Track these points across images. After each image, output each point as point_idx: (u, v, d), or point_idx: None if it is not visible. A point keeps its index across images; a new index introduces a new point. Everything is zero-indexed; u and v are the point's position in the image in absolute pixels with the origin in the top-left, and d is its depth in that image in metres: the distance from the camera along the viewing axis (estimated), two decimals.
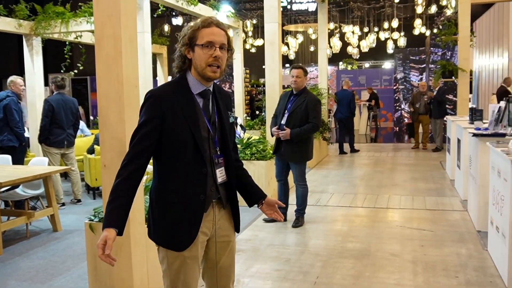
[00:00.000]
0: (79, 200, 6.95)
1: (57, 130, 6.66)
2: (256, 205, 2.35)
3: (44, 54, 8.81)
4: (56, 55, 9.53)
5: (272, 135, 5.37)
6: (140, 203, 3.30)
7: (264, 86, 20.90)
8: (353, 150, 11.75)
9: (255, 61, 19.84)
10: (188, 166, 2.06)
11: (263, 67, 7.46)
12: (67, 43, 9.20)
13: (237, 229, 2.29)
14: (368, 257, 4.41)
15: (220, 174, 2.15)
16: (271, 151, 6.54)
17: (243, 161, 2.55)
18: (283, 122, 5.21)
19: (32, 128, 8.09)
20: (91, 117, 15.86)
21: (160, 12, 8.68)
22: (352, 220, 5.73)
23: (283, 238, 5.06)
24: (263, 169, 6.31)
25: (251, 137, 6.86)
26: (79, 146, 8.45)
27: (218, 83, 2.24)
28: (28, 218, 5.15)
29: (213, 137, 2.13)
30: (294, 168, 5.41)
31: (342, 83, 12.09)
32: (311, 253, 4.59)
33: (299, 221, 5.48)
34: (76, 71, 9.33)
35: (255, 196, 2.34)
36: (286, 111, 5.23)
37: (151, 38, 12.10)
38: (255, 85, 21.81)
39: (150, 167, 3.85)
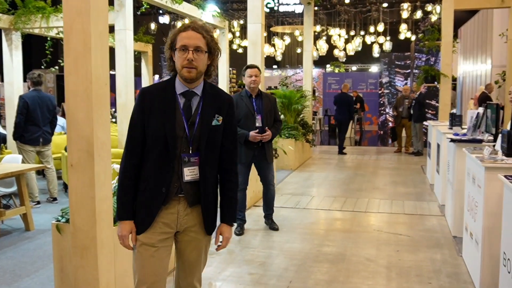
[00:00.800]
0: (55, 199, 6.82)
1: (32, 128, 6.48)
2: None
3: (29, 49, 8.68)
4: (40, 51, 9.37)
5: (248, 140, 4.92)
6: (108, 204, 3.22)
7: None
8: (341, 152, 11.81)
9: (243, 62, 19.83)
10: (158, 159, 2.22)
11: None
12: (48, 38, 9.07)
13: (207, 231, 2.34)
14: (343, 262, 4.37)
15: (189, 173, 2.23)
16: None
17: None
18: (258, 124, 4.99)
19: (9, 125, 7.94)
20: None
21: (144, 10, 8.59)
22: (330, 223, 5.70)
23: (259, 241, 5.01)
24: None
25: None
26: (58, 143, 8.32)
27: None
28: None
29: (188, 136, 2.23)
30: (269, 169, 5.26)
31: (341, 86, 12.28)
32: (286, 256, 4.54)
33: (275, 223, 5.43)
34: (57, 67, 9.19)
35: (220, 217, 2.40)
36: (256, 113, 5.01)
37: (136, 36, 12.02)
38: (242, 86, 21.78)
39: (116, 166, 3.77)
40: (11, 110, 7.89)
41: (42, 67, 9.12)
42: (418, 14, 13.58)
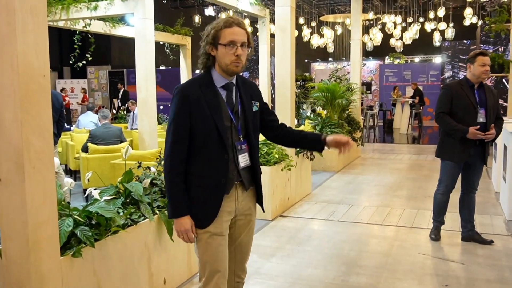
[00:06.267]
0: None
1: None
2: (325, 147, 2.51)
3: (59, 45, 8.27)
4: (72, 45, 8.99)
5: (465, 137, 4.27)
6: (51, 230, 2.50)
7: (302, 80, 19.90)
8: None
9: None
10: (212, 152, 2.30)
11: (305, 60, 6.52)
12: (77, 32, 8.69)
13: (262, 208, 2.53)
14: None
15: (243, 159, 2.37)
16: (277, 155, 5.66)
17: None
18: (482, 120, 4.30)
19: None
20: (117, 110, 15.41)
21: None
22: (365, 242, 4.75)
23: (274, 265, 4.16)
24: (265, 175, 5.41)
25: None
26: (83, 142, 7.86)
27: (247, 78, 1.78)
28: None
29: (236, 125, 2.35)
30: (480, 172, 4.57)
31: None
32: (301, 287, 3.67)
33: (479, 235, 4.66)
34: (84, 62, 8.78)
35: (314, 141, 2.52)
36: (479, 106, 4.31)
37: (174, 28, 11.47)
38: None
39: (70, 180, 3.07)
40: None
41: (71, 62, 8.73)
42: None
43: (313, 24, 15.93)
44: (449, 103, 4.39)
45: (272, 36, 12.18)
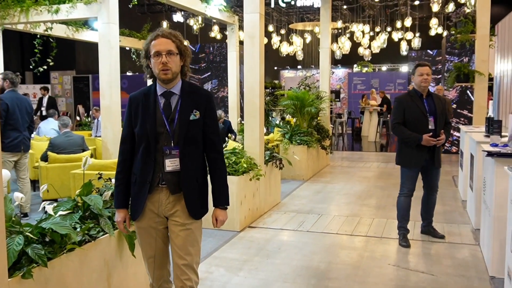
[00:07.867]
0: (25, 215, 6.01)
1: (12, 133, 5.79)
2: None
3: (21, 49, 7.93)
4: (32, 49, 8.64)
5: (419, 144, 4.62)
6: None
7: (272, 88, 19.88)
8: None
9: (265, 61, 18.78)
10: (143, 154, 2.51)
11: (275, 68, 6.40)
12: (38, 36, 8.37)
13: (193, 215, 2.54)
14: None
15: (171, 164, 2.49)
16: (245, 164, 5.53)
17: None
18: (431, 127, 4.64)
19: None
20: (81, 117, 14.99)
21: (136, 2, 7.70)
22: (335, 253, 4.66)
23: (242, 279, 4.02)
24: (233, 185, 5.27)
25: (225, 146, 5.84)
26: (42, 150, 7.54)
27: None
28: None
29: (169, 132, 2.48)
30: (437, 174, 4.92)
31: None
32: None
33: (437, 231, 5.11)
34: (45, 67, 8.45)
35: (213, 197, 2.65)
36: (428, 114, 4.64)
37: (141, 34, 11.24)
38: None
39: (20, 195, 2.87)
40: None
41: (31, 66, 8.40)
42: (450, 7, 12.32)
43: (283, 31, 15.93)
44: (402, 114, 4.72)
45: (241, 43, 12.13)
